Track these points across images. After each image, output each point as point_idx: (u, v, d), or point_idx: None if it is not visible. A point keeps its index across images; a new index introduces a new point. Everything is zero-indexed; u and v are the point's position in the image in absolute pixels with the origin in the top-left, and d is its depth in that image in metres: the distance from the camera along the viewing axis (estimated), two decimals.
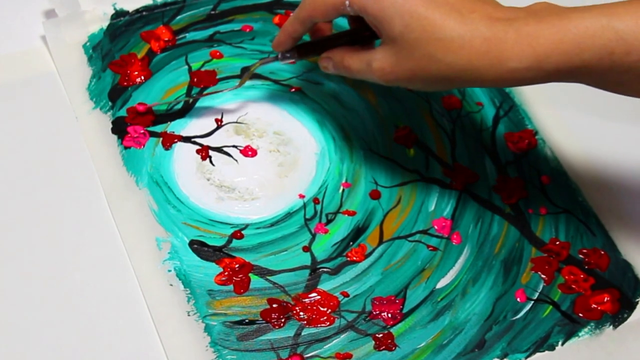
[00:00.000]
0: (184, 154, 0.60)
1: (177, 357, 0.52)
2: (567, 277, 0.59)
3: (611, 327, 0.57)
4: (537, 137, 0.65)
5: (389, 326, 0.55)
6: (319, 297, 0.55)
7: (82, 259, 0.55)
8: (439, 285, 0.57)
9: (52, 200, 0.57)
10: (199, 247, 0.56)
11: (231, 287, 0.55)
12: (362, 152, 0.63)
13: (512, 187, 0.62)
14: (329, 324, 0.54)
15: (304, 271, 0.56)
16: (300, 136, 0.63)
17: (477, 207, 0.61)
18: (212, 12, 0.68)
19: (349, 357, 0.53)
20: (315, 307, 0.55)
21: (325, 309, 0.55)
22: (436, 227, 0.60)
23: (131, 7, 0.67)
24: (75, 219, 0.56)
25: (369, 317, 0.55)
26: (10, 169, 0.58)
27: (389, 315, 0.55)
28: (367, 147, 0.63)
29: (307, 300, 0.55)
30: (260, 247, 0.57)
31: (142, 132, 0.61)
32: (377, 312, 0.55)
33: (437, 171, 0.63)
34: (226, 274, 0.55)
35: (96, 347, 0.52)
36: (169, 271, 0.55)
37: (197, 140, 0.61)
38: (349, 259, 0.58)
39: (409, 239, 0.59)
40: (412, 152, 0.63)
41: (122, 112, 0.61)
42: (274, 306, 0.54)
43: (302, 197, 0.60)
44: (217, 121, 0.62)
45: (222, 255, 0.56)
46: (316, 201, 0.60)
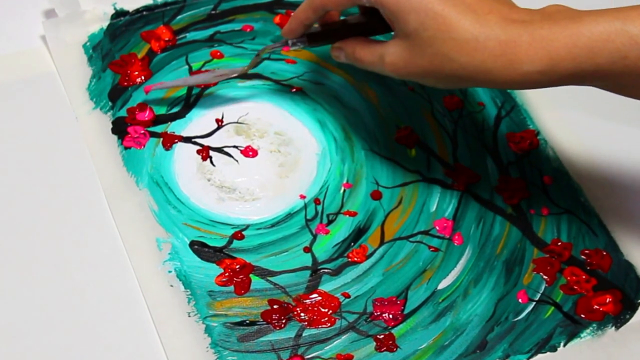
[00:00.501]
0: (185, 154, 0.60)
1: (177, 358, 0.51)
2: (569, 278, 0.58)
3: (613, 328, 0.57)
4: (538, 137, 0.65)
5: (390, 327, 0.55)
6: (320, 298, 0.55)
7: (82, 259, 0.55)
8: (441, 286, 0.57)
9: (52, 201, 0.57)
10: (200, 248, 0.56)
11: (232, 288, 0.55)
12: (364, 153, 0.63)
13: (514, 188, 0.62)
14: (330, 325, 0.54)
15: (304, 272, 0.56)
16: (301, 136, 0.63)
17: (479, 207, 0.61)
18: (213, 12, 0.68)
19: (350, 358, 0.53)
20: (316, 308, 0.55)
21: (326, 310, 0.55)
22: (438, 227, 0.60)
23: (131, 6, 0.66)
24: (75, 219, 0.56)
25: (370, 318, 0.55)
26: (10, 170, 0.58)
27: (390, 316, 0.55)
28: (369, 147, 0.63)
29: (308, 301, 0.55)
30: (261, 248, 0.57)
31: (143, 132, 0.60)
32: (378, 313, 0.55)
33: (438, 171, 0.62)
34: (227, 274, 0.55)
35: (96, 348, 0.52)
36: (170, 272, 0.54)
37: (198, 140, 0.61)
38: (350, 259, 0.57)
39: (411, 239, 0.59)
40: (413, 152, 0.63)
41: (122, 112, 0.61)
42: (275, 307, 0.54)
43: (303, 197, 0.60)
44: (217, 121, 0.62)
45: (223, 256, 0.56)
46: (317, 202, 0.60)
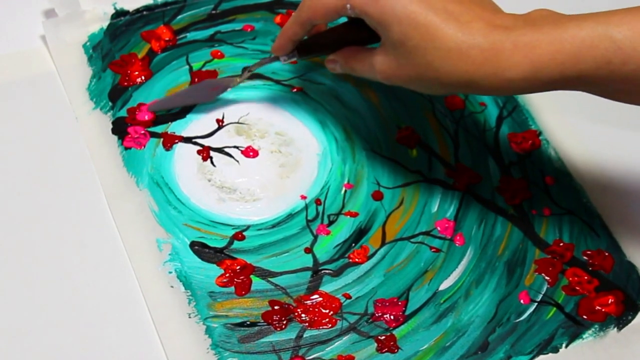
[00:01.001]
0: (185, 154, 0.60)
1: None
2: (571, 278, 0.58)
3: (615, 329, 0.57)
4: (540, 137, 0.65)
5: (391, 328, 0.55)
6: (321, 299, 0.55)
7: (82, 260, 0.54)
8: (442, 287, 0.57)
9: (51, 201, 0.56)
10: (200, 249, 0.56)
11: (232, 288, 0.55)
12: (365, 153, 0.62)
13: (516, 188, 0.62)
14: (330, 326, 0.54)
15: (305, 273, 0.56)
16: (302, 137, 0.62)
17: (480, 208, 0.61)
18: (213, 12, 0.68)
19: (351, 359, 0.53)
20: (317, 309, 0.55)
21: (327, 311, 0.55)
22: (439, 228, 0.60)
23: (131, 6, 0.66)
24: (75, 220, 0.56)
25: (371, 319, 0.55)
26: (9, 170, 0.57)
27: (392, 317, 0.55)
28: (370, 147, 0.63)
29: (308, 302, 0.55)
30: (261, 249, 0.57)
31: (143, 132, 0.60)
32: (380, 314, 0.55)
33: (439, 172, 0.62)
34: (227, 275, 0.55)
35: (96, 349, 0.51)
36: (170, 273, 0.54)
37: (198, 140, 0.61)
38: (351, 260, 0.57)
39: (412, 240, 0.59)
40: (414, 152, 0.63)
41: (123, 113, 0.61)
42: (276, 308, 0.54)
43: (303, 198, 0.60)
44: (218, 121, 0.62)
45: (224, 256, 0.56)
46: (318, 202, 0.60)
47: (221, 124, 0.62)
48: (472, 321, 0.56)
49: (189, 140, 0.61)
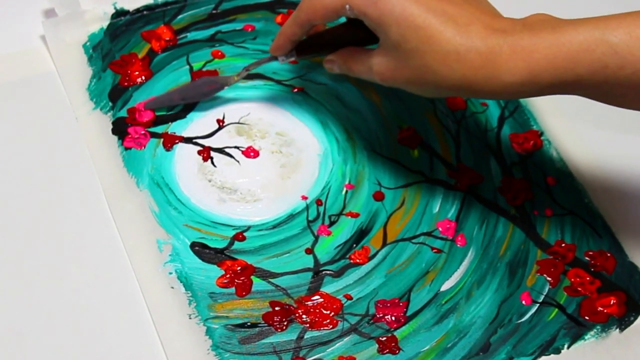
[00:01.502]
0: (185, 155, 0.60)
1: None
2: (573, 279, 0.58)
3: (617, 330, 0.57)
4: (542, 138, 0.65)
5: (392, 329, 0.55)
6: (322, 299, 0.55)
7: (82, 261, 0.54)
8: (444, 287, 0.57)
9: (51, 202, 0.56)
10: (201, 249, 0.56)
11: (233, 289, 0.54)
12: (366, 153, 0.62)
13: (518, 189, 0.62)
14: (332, 327, 0.54)
15: (306, 274, 0.56)
16: (302, 137, 0.62)
17: (482, 208, 0.61)
18: (214, 12, 0.68)
19: None
20: (318, 310, 0.55)
21: (328, 312, 0.55)
22: (440, 229, 0.59)
23: (132, 6, 0.66)
24: (75, 221, 0.56)
25: (372, 320, 0.55)
26: (9, 170, 0.57)
27: (393, 318, 0.55)
28: (371, 148, 0.63)
29: (309, 303, 0.55)
30: (262, 249, 0.57)
31: (143, 132, 0.60)
32: (381, 315, 0.55)
33: (441, 172, 0.62)
34: (228, 276, 0.55)
35: (96, 351, 0.51)
36: (170, 274, 0.54)
37: (199, 141, 0.61)
38: (352, 261, 0.57)
39: (413, 241, 0.59)
40: (416, 153, 0.63)
41: (123, 113, 0.61)
42: (277, 309, 0.54)
43: (304, 198, 0.59)
44: (218, 122, 0.62)
45: (224, 257, 0.56)
46: (319, 203, 0.59)
47: (222, 124, 0.62)
48: (473, 322, 0.56)
49: (189, 140, 0.61)
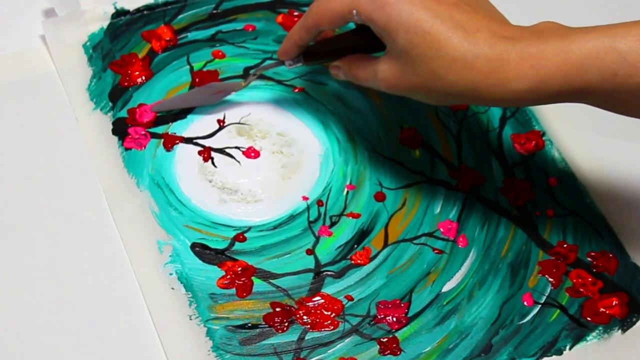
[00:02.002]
0: (186, 155, 0.60)
1: None
2: (575, 280, 0.58)
3: (620, 331, 0.56)
4: (544, 138, 0.65)
5: (394, 330, 0.54)
6: (323, 300, 0.55)
7: (82, 262, 0.54)
8: (445, 288, 0.57)
9: (51, 202, 0.56)
10: (201, 250, 0.56)
11: (234, 290, 0.54)
12: (367, 154, 0.62)
13: (519, 189, 0.62)
14: (333, 328, 0.54)
15: (307, 274, 0.56)
16: (303, 137, 0.62)
17: (484, 209, 0.61)
18: (214, 11, 0.68)
19: None
20: (319, 311, 0.54)
21: (329, 313, 0.54)
22: (442, 229, 0.59)
23: (132, 6, 0.66)
24: (75, 221, 0.56)
25: (373, 321, 0.55)
26: (9, 171, 0.57)
27: (394, 319, 0.55)
28: (372, 148, 0.62)
29: (310, 304, 0.55)
30: (263, 250, 0.57)
31: (143, 133, 0.60)
32: (382, 316, 0.55)
33: (442, 173, 0.62)
34: (228, 277, 0.55)
35: (97, 352, 0.51)
36: (171, 274, 0.54)
37: (199, 141, 0.61)
38: (353, 262, 0.57)
39: (415, 241, 0.59)
40: (417, 153, 0.63)
41: (123, 113, 0.61)
42: (277, 310, 0.54)
43: (305, 199, 0.59)
44: (219, 122, 0.62)
45: (225, 258, 0.56)
46: (320, 203, 0.59)
47: (222, 124, 0.62)
48: (475, 323, 0.56)
49: (189, 140, 0.61)
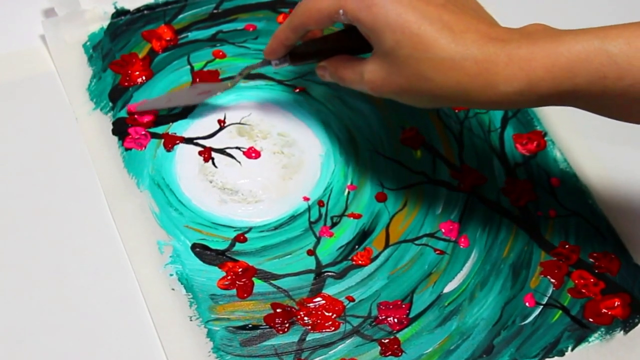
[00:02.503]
0: (186, 155, 0.60)
1: None
2: (577, 281, 0.58)
3: (622, 332, 0.56)
4: (546, 138, 0.65)
5: (395, 331, 0.54)
6: (324, 301, 0.55)
7: (82, 262, 0.54)
8: (446, 289, 0.57)
9: (51, 203, 0.56)
10: (202, 251, 0.55)
11: (234, 291, 0.54)
12: (368, 154, 0.62)
13: (521, 190, 0.62)
14: (334, 329, 0.54)
15: (308, 275, 0.56)
16: (304, 137, 0.62)
17: (485, 210, 0.60)
18: (215, 11, 0.68)
19: None
20: (320, 312, 0.54)
21: (330, 314, 0.54)
22: (443, 230, 0.59)
23: (132, 5, 0.66)
24: (75, 222, 0.56)
25: (374, 322, 0.55)
26: (9, 171, 0.57)
27: (395, 320, 0.55)
28: (373, 148, 0.62)
29: (311, 304, 0.54)
30: (263, 251, 0.56)
31: (144, 133, 0.60)
32: (383, 317, 0.55)
33: (444, 173, 0.62)
34: (229, 278, 0.55)
35: (97, 353, 0.51)
36: (171, 275, 0.54)
37: (200, 141, 0.61)
38: (354, 262, 0.57)
39: (416, 242, 0.58)
40: (418, 153, 0.63)
41: (123, 113, 0.61)
42: (278, 311, 0.54)
43: (306, 199, 0.59)
44: (219, 122, 0.62)
45: (225, 259, 0.56)
46: (321, 204, 0.59)
47: (223, 124, 0.62)
48: (476, 324, 0.55)
49: (190, 141, 0.61)
